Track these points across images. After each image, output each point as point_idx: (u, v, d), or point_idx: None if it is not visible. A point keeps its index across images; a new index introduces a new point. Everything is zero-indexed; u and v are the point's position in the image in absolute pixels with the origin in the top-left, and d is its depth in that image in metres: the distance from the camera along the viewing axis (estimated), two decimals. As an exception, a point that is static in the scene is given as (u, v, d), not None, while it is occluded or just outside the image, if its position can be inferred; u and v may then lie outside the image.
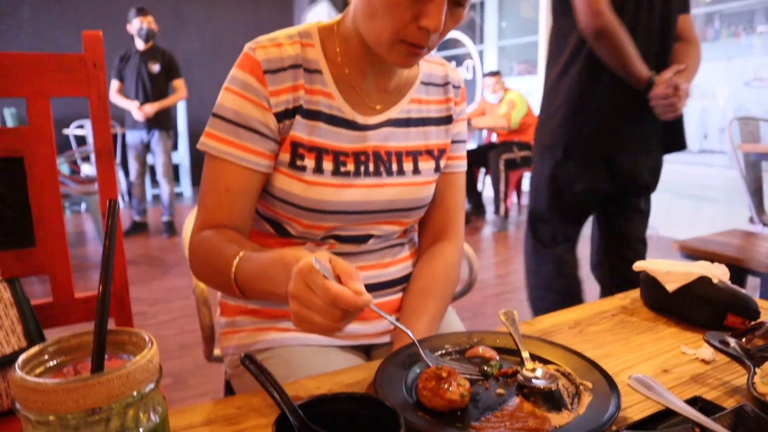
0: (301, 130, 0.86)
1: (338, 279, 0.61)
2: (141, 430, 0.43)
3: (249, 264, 0.75)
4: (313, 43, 0.88)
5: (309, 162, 0.86)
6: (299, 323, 0.62)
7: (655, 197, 2.20)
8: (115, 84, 4.60)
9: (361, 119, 0.89)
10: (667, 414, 0.60)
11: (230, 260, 0.77)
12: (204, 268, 0.85)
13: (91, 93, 1.09)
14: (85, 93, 1.08)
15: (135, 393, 0.42)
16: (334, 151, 0.87)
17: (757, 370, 0.67)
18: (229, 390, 1.06)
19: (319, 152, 0.86)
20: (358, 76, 0.89)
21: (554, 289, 2.00)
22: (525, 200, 5.94)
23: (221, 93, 0.85)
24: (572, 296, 2.00)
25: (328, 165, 0.87)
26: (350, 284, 0.60)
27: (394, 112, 0.92)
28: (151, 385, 0.44)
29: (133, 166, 4.84)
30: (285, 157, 0.86)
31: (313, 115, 0.86)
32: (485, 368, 0.70)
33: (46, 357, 0.46)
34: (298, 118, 0.85)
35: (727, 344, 0.74)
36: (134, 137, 4.73)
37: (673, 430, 0.55)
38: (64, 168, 5.63)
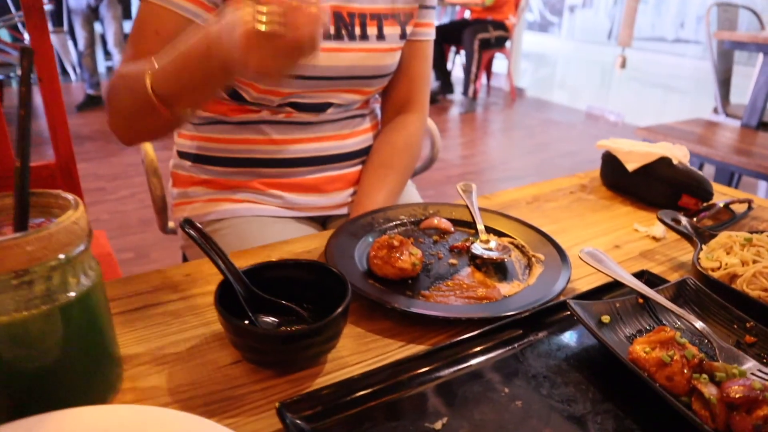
0: None
1: None
2: (70, 294, 0.41)
3: (166, 53, 0.65)
4: None
5: None
6: (263, 58, 0.53)
7: (623, 86, 2.41)
8: None
9: None
10: (613, 286, 0.61)
11: (144, 67, 0.66)
12: (119, 95, 0.73)
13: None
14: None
15: (62, 256, 0.40)
16: None
17: (704, 246, 0.68)
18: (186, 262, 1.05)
19: None
20: None
21: None
22: (494, 82, 5.83)
23: None
24: None
25: None
26: None
27: None
28: (80, 248, 0.41)
29: (81, 34, 4.47)
30: None
31: None
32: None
33: (-38, 218, 0.42)
34: None
35: (678, 222, 0.75)
36: (80, 2, 4.33)
37: (618, 300, 0.56)
38: (3, 34, 5.19)
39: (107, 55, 5.83)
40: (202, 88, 0.65)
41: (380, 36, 0.87)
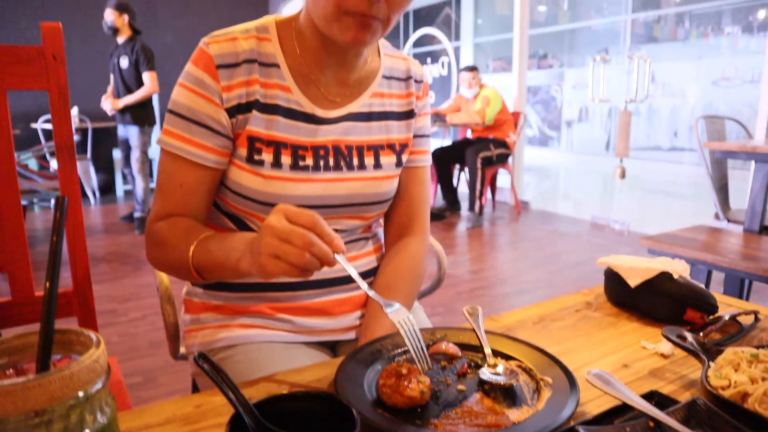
0: (258, 124, 0.85)
1: None
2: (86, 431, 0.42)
3: (207, 241, 0.78)
4: (270, 37, 0.87)
5: (267, 156, 0.85)
6: (266, 258, 0.65)
7: (627, 194, 2.43)
8: (111, 79, 4.67)
9: (320, 113, 0.89)
10: (624, 408, 0.61)
11: (190, 242, 0.79)
12: (162, 252, 0.86)
13: (51, 86, 1.06)
14: (45, 86, 1.05)
15: (81, 394, 0.41)
16: (292, 145, 0.87)
17: (711, 363, 0.68)
18: (196, 389, 1.04)
19: (277, 146, 0.86)
20: (316, 69, 0.89)
21: None
22: (499, 196, 5.99)
23: (175, 88, 0.85)
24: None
25: (286, 159, 0.86)
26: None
27: (355, 106, 0.92)
28: (98, 386, 0.43)
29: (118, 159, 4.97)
30: (242, 152, 0.85)
31: (270, 109, 0.86)
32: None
33: (-12, 358, 0.44)
34: (254, 112, 0.85)
35: (684, 339, 0.76)
36: (119, 131, 4.80)
37: (629, 424, 0.56)
38: (32, 163, 5.50)
39: (124, 179, 6.19)
40: (231, 278, 0.82)
41: (377, 165, 0.94)
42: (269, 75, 0.86)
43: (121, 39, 4.51)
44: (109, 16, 4.41)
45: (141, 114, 4.63)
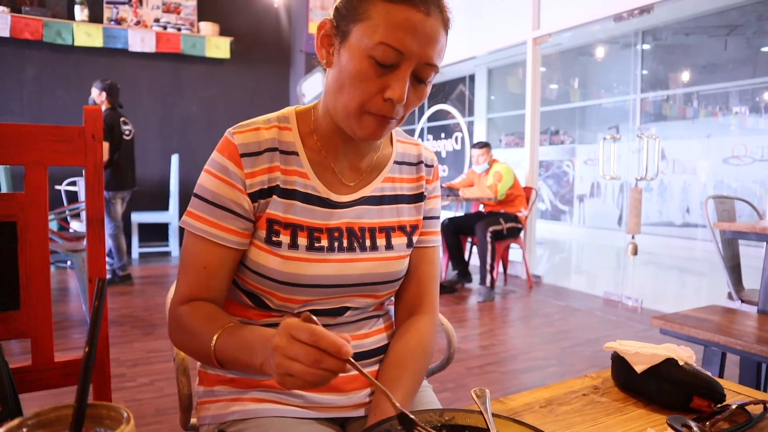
0: (276, 208, 0.91)
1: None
2: (112, 505, 0.44)
3: (229, 336, 0.81)
4: (290, 126, 0.95)
5: (284, 238, 0.91)
6: (281, 377, 0.67)
7: (640, 270, 2.40)
8: None
9: (335, 197, 0.95)
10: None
11: (212, 333, 0.82)
12: (184, 338, 0.90)
13: (88, 163, 1.14)
14: (82, 163, 1.13)
15: (109, 467, 0.44)
16: (308, 228, 0.92)
17: (715, 455, 0.69)
18: (203, 462, 1.05)
19: (294, 229, 0.91)
20: (332, 157, 0.96)
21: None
22: (511, 270, 5.98)
23: (202, 174, 0.92)
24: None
25: (302, 241, 0.91)
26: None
27: (368, 191, 0.98)
28: (125, 460, 0.46)
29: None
30: (261, 233, 0.91)
31: (289, 194, 0.92)
32: None
33: (25, 430, 0.48)
34: (274, 197, 0.91)
35: (689, 428, 0.77)
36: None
37: None
38: (53, 224, 5.64)
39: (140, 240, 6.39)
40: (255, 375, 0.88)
41: (389, 246, 0.98)
42: (289, 162, 0.93)
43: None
44: (93, 93, 5.02)
45: (107, 179, 5.09)
